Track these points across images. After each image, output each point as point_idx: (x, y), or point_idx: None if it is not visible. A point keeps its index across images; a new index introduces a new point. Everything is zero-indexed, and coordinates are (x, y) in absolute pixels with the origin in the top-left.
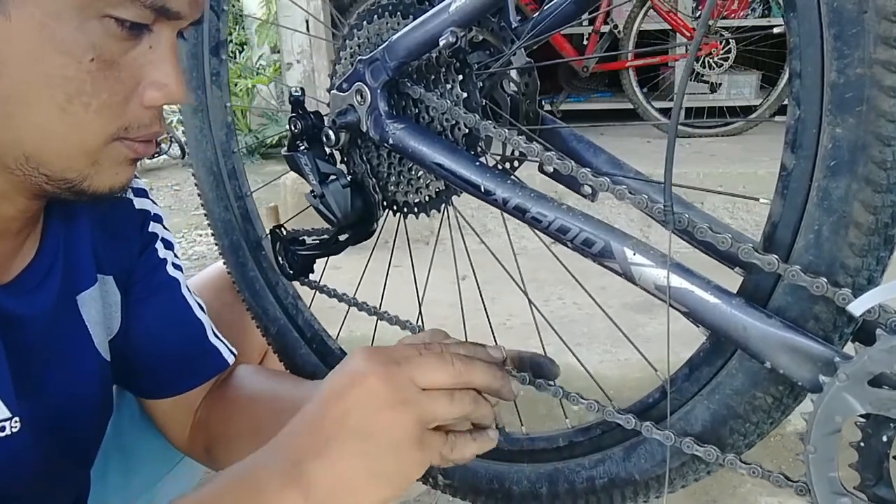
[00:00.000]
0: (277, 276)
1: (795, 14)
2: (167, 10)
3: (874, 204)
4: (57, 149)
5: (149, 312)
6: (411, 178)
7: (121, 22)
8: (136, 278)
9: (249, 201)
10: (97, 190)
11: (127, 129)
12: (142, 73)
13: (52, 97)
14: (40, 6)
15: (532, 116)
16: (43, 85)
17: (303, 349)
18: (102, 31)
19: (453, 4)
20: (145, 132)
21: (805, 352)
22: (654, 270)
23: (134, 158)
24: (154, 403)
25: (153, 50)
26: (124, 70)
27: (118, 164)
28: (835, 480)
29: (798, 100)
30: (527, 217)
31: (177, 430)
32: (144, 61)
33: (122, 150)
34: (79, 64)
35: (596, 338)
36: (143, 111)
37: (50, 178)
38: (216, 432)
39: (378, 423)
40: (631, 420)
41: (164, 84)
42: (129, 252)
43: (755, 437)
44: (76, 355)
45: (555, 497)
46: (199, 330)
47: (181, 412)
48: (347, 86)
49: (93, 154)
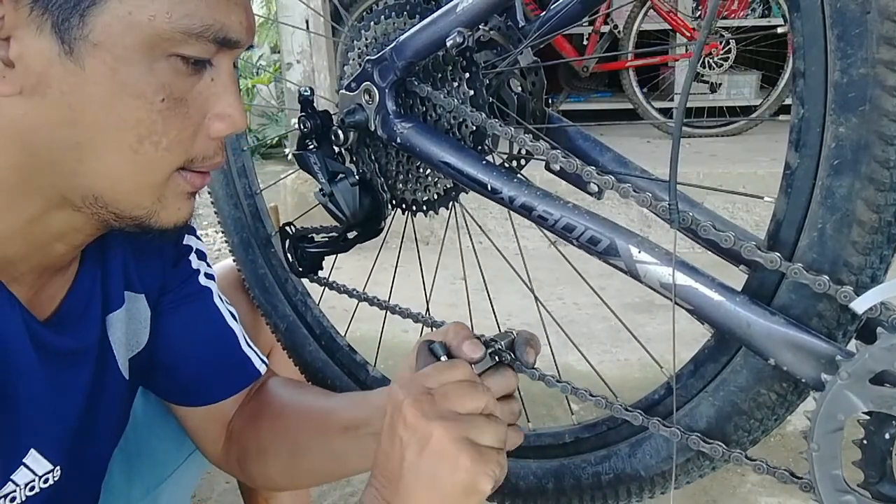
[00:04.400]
0: (287, 274)
1: (799, 14)
2: (228, 41)
3: (877, 202)
4: (126, 188)
5: (181, 322)
6: (419, 176)
7: (186, 59)
8: (169, 289)
9: (259, 199)
10: (163, 225)
11: (192, 160)
12: (207, 106)
13: (124, 140)
14: (111, 52)
15: (538, 115)
16: (116, 129)
17: (311, 346)
18: (170, 69)
19: (461, 5)
20: (209, 163)
21: (808, 349)
22: (659, 268)
23: (191, 192)
24: (187, 415)
25: (215, 82)
26: (192, 105)
27: (179, 197)
28: (838, 478)
29: (802, 99)
30: (533, 215)
31: (209, 442)
32: (209, 94)
33: (182, 183)
34: (150, 105)
35: (596, 338)
36: (209, 142)
37: (118, 216)
38: (248, 446)
39: (428, 449)
40: (638, 416)
41: (228, 115)
42: (163, 267)
43: (759, 434)
44: (108, 384)
45: (561, 493)
46: (231, 339)
47: (215, 423)
48: (356, 85)
49: (157, 189)
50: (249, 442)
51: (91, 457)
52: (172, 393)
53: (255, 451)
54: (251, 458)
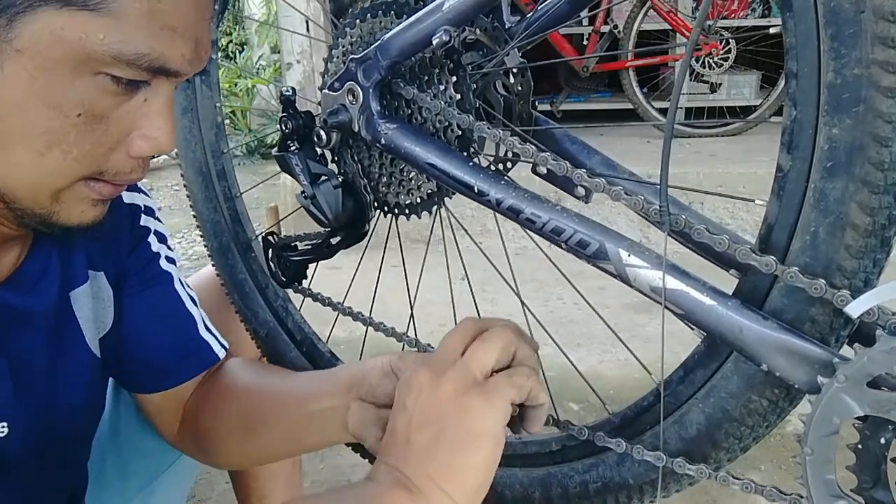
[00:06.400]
0: (267, 279)
1: (792, 14)
2: (166, 70)
3: (871, 205)
4: (27, 186)
5: (141, 307)
6: (403, 178)
7: (116, 79)
8: (129, 273)
9: (239, 203)
10: (66, 224)
11: (103, 173)
12: (133, 125)
13: (31, 144)
14: (33, 60)
15: (526, 117)
16: (25, 133)
17: (292, 352)
18: (95, 87)
19: (446, 3)
20: (123, 178)
21: (802, 354)
22: (649, 272)
23: (98, 199)
24: (145, 398)
25: (148, 103)
26: (114, 123)
27: (81, 202)
28: (832, 483)
29: (795, 100)
30: (521, 218)
31: (167, 423)
32: (138, 114)
33: (85, 190)
34: (64, 118)
35: (596, 338)
36: (128, 159)
37: (23, 212)
38: (206, 426)
39: (436, 405)
40: (622, 444)
41: (154, 137)
42: (119, 247)
43: (750, 441)
44: (70, 353)
45: (548, 502)
46: (190, 324)
47: (172, 406)
48: (339, 85)
49: (56, 192)
50: (206, 422)
51: (47, 422)
52: (131, 379)
53: (208, 431)
54: (205, 437)
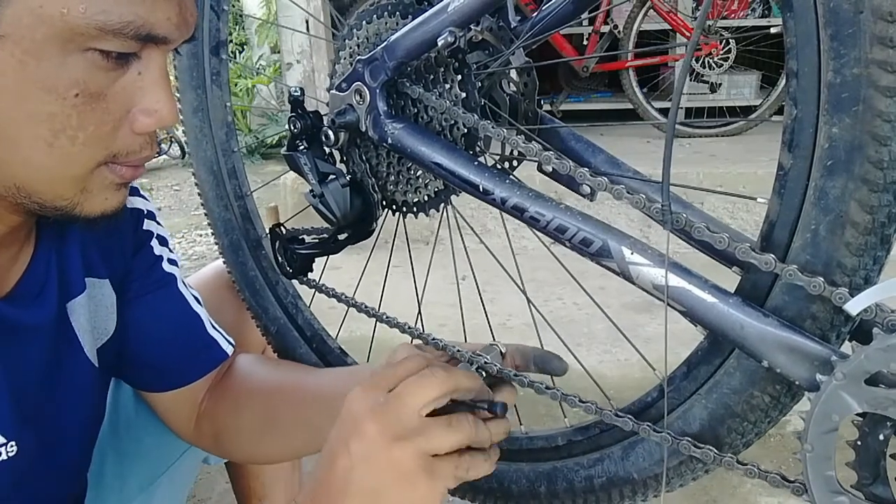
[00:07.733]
0: (277, 276)
1: (792, 14)
2: (154, 37)
3: (871, 203)
4: (46, 179)
5: (147, 310)
6: (410, 177)
7: (105, 54)
8: (133, 277)
9: (249, 201)
10: (89, 214)
11: (116, 155)
12: (132, 100)
13: (37, 133)
14: (20, 44)
15: (531, 116)
16: (27, 122)
17: (302, 348)
18: (86, 64)
19: (452, 4)
20: (135, 157)
21: (802, 351)
22: (651, 270)
23: (121, 183)
24: (156, 397)
25: (143, 76)
26: (112, 100)
27: (106, 188)
28: (832, 479)
29: (795, 99)
30: (525, 216)
31: (181, 422)
32: (134, 88)
33: (109, 175)
34: (63, 100)
35: (596, 338)
36: (134, 137)
37: (42, 206)
38: (224, 423)
39: (382, 468)
40: (629, 422)
41: (154, 110)
42: (123, 252)
43: (753, 436)
44: (70, 366)
45: (553, 496)
46: (197, 323)
47: (185, 405)
48: (346, 85)
49: (80, 182)
50: (221, 419)
51: (52, 438)
52: (142, 380)
53: (231, 428)
54: (224, 434)
